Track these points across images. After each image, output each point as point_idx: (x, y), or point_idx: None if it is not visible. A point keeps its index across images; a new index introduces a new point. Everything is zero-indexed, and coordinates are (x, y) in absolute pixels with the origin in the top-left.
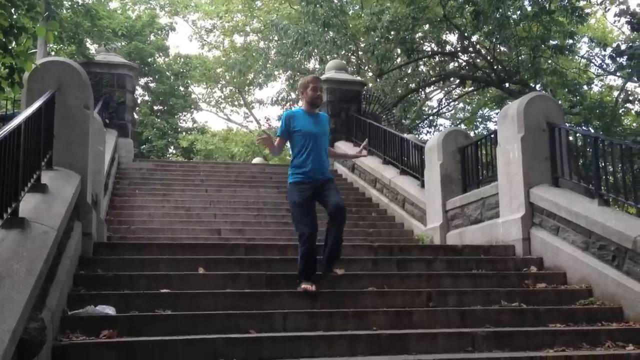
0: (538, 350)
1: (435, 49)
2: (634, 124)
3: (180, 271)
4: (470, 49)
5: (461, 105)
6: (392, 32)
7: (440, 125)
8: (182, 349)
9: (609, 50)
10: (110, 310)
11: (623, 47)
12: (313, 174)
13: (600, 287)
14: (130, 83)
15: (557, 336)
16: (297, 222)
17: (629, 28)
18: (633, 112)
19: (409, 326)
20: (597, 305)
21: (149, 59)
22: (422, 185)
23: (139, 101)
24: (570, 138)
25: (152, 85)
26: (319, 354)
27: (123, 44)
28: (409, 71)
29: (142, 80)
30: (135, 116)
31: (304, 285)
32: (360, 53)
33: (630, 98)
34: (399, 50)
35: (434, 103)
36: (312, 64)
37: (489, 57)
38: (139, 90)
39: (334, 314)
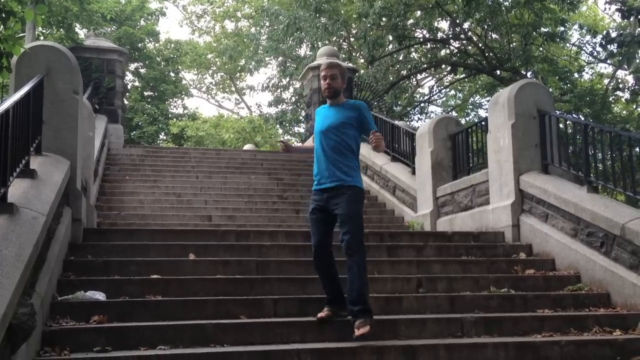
0: (526, 336)
1: (427, 35)
2: (624, 112)
3: (171, 257)
4: (462, 36)
5: (452, 92)
6: (384, 19)
7: (432, 112)
8: (172, 334)
9: (599, 37)
10: (100, 295)
11: (613, 34)
12: (320, 179)
13: (589, 273)
14: (120, 68)
15: (545, 322)
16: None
17: (620, 15)
18: (623, 99)
19: (398, 312)
20: (585, 291)
21: (139, 44)
22: (413, 172)
23: (129, 87)
24: (561, 125)
25: (142, 70)
26: (309, 340)
27: (112, 28)
28: (401, 58)
29: (132, 66)
30: (125, 102)
31: (319, 315)
32: (351, 39)
33: (620, 86)
34: (390, 37)
35: (425, 90)
36: (304, 50)
37: (480, 44)
38: (128, 76)
39: (324, 299)
